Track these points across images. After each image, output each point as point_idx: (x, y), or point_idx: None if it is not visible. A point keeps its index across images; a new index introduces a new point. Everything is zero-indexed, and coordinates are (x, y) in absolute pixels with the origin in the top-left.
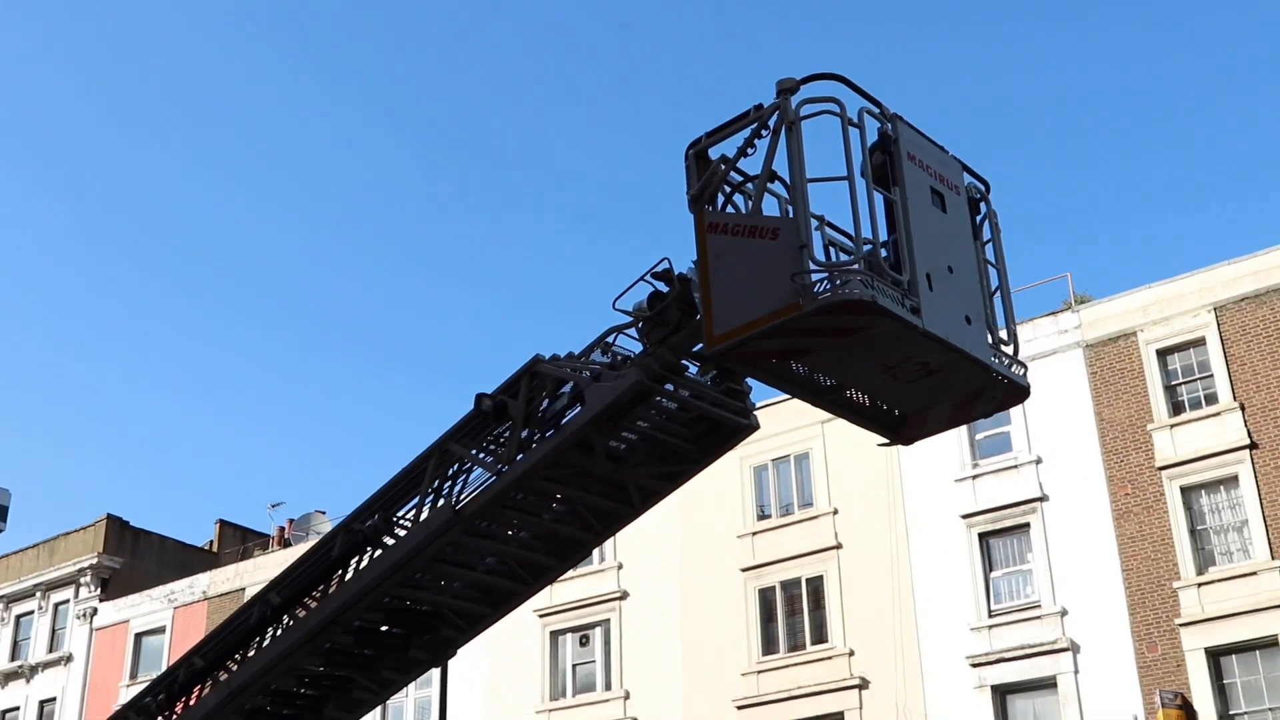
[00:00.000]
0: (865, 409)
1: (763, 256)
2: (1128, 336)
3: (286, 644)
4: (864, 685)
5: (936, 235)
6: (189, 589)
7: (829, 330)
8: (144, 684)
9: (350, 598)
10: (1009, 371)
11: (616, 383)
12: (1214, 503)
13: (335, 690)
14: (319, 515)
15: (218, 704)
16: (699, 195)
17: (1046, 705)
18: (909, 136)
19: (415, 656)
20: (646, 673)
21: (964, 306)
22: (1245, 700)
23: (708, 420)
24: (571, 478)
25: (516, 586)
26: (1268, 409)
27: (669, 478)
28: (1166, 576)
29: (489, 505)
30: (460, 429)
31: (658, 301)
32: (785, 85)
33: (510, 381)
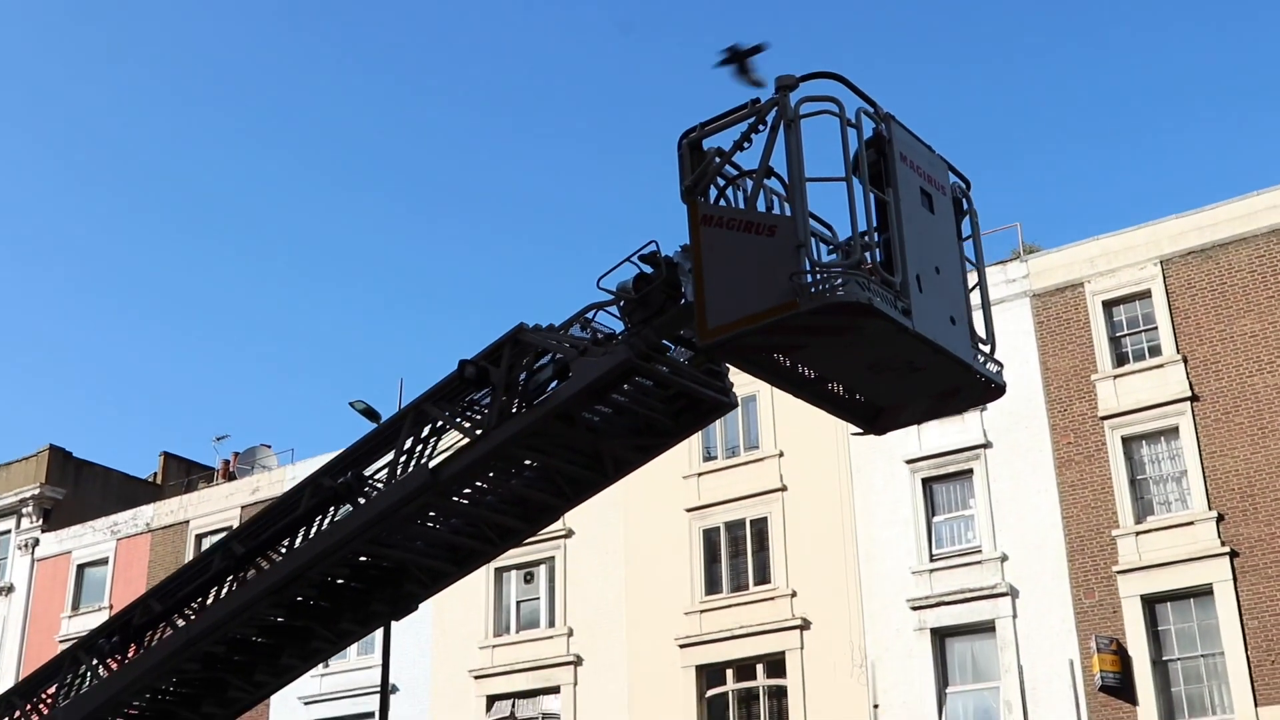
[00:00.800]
0: (844, 400)
1: (759, 252)
2: (1074, 287)
3: (249, 595)
4: (805, 626)
5: (925, 236)
6: (132, 521)
7: (822, 329)
8: (86, 615)
9: (318, 553)
10: (988, 371)
11: (604, 359)
12: (1154, 453)
13: (293, 639)
14: (264, 449)
15: (174, 650)
16: (693, 187)
17: (984, 648)
18: (901, 137)
19: (376, 610)
20: (590, 610)
21: (949, 307)
22: (1179, 647)
23: (686, 397)
24: (549, 446)
25: (482, 546)
26: (1210, 362)
27: (643, 450)
28: (1105, 524)
29: (467, 470)
30: (437, 391)
31: (643, 284)
32: (785, 82)
33: (492, 348)
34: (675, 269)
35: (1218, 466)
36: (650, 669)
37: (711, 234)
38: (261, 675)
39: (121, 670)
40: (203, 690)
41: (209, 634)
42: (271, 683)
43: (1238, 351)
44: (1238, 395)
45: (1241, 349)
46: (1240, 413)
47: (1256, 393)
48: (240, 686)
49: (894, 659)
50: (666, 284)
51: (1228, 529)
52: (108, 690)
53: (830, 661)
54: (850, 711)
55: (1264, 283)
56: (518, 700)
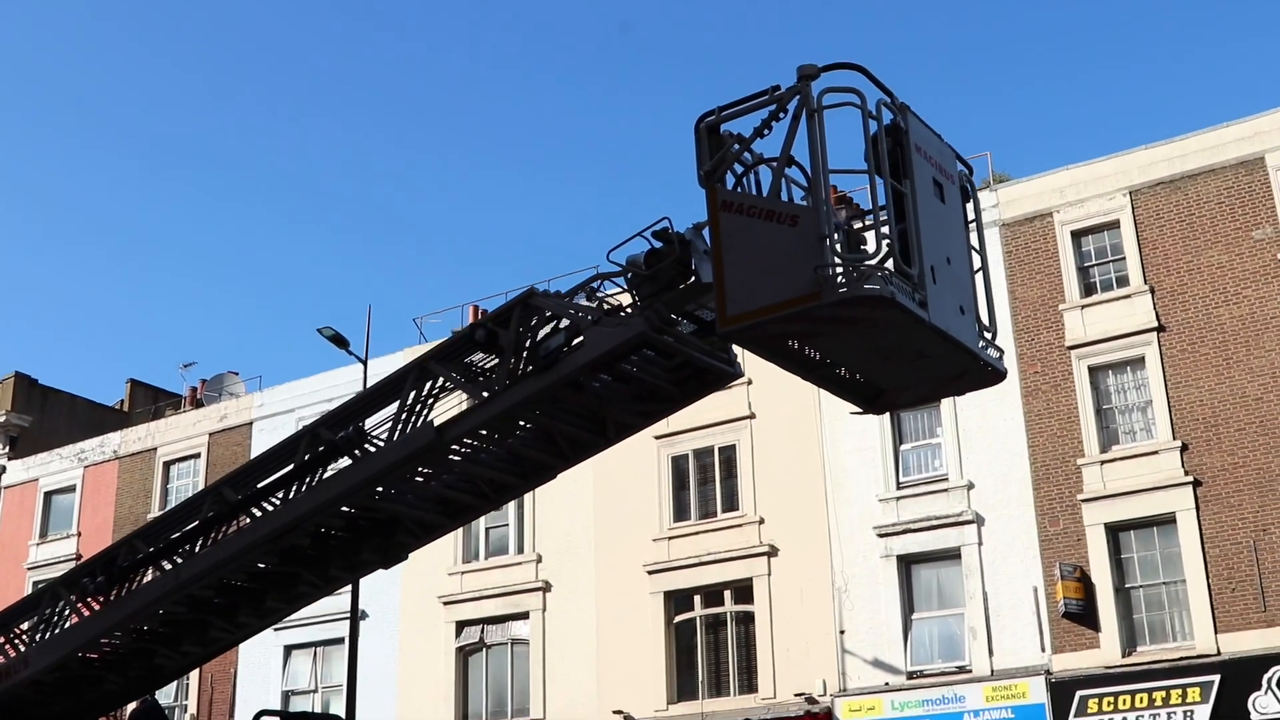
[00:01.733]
0: (847, 382)
1: (780, 242)
2: (1044, 217)
3: (243, 543)
4: (773, 553)
5: (937, 227)
6: (100, 448)
7: (841, 319)
8: (54, 543)
9: (316, 506)
10: (992, 359)
11: (619, 330)
12: (1120, 383)
13: (279, 583)
14: (232, 376)
15: (162, 593)
16: (713, 172)
17: (950, 575)
18: (915, 127)
19: (366, 558)
20: (559, 536)
21: (958, 297)
22: (1141, 574)
23: (692, 366)
24: (554, 409)
25: (477, 501)
26: (1177, 293)
27: (646, 414)
28: (1071, 453)
29: (472, 431)
30: (442, 350)
31: (653, 259)
32: (807, 71)
33: (501, 311)
34: (688, 246)
35: (1182, 397)
36: (618, 595)
37: (731, 220)
38: (244, 617)
39: (105, 610)
40: (183, 630)
41: (198, 579)
42: (254, 624)
43: (1204, 283)
44: (1204, 326)
45: (1208, 280)
46: (1206, 344)
47: (1222, 324)
48: (222, 627)
49: (860, 585)
50: (678, 261)
51: (1191, 459)
52: (89, 630)
53: (797, 588)
54: (816, 637)
55: (1232, 214)
56: (487, 626)
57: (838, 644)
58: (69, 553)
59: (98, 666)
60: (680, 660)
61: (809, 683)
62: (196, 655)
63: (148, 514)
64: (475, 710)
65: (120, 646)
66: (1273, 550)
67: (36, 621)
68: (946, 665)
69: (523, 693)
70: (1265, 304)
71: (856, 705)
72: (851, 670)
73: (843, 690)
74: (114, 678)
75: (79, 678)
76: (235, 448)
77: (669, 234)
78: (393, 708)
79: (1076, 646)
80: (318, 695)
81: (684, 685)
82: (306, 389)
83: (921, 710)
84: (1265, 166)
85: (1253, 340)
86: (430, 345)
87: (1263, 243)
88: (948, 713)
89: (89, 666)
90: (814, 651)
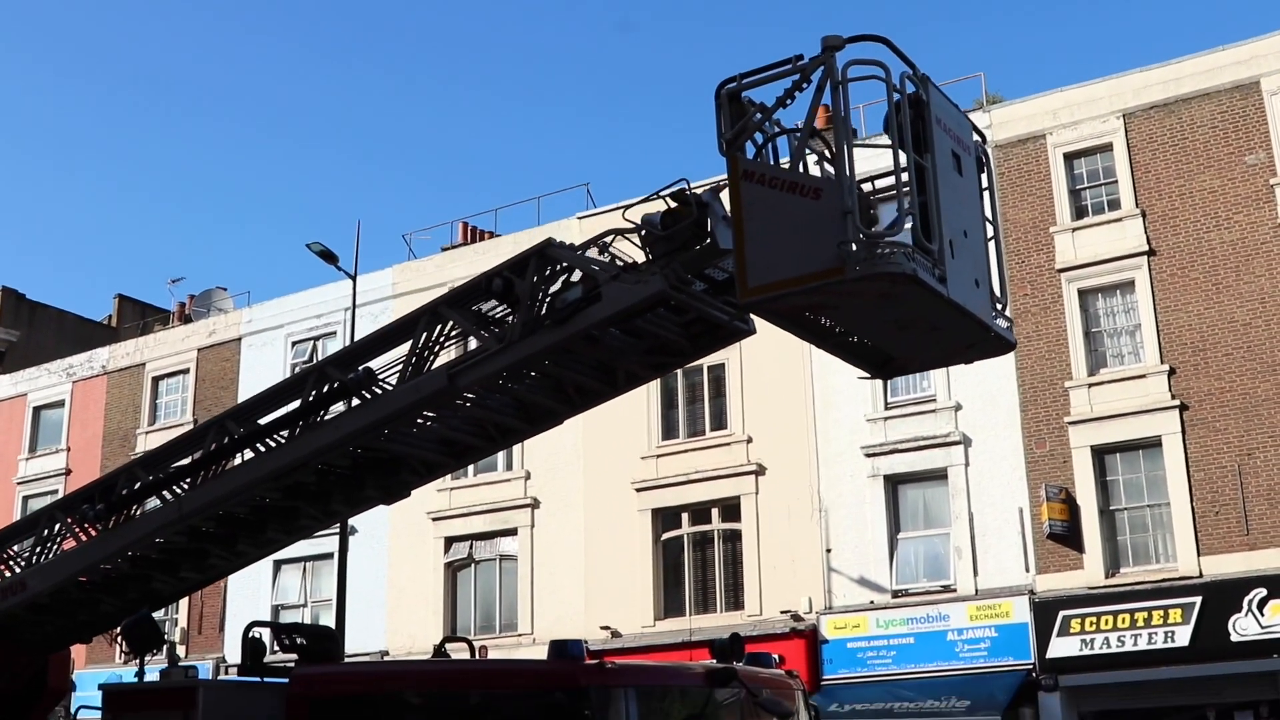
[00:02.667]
0: (859, 349)
1: (802, 214)
2: (1036, 139)
3: (247, 478)
4: (760, 471)
5: (956, 200)
6: (88, 363)
7: (860, 293)
8: (43, 458)
9: (323, 445)
10: (1002, 330)
11: (639, 287)
12: (1109, 306)
13: (280, 515)
14: (220, 292)
15: (164, 524)
16: (734, 140)
17: (936, 495)
18: (935, 99)
19: (368, 494)
20: (548, 454)
21: (974, 269)
22: (1126, 497)
23: (705, 322)
24: (565, 359)
25: (482, 444)
26: (1168, 217)
27: (657, 366)
28: (1059, 376)
29: (485, 379)
30: (456, 296)
31: (671, 220)
32: (831, 43)
33: (517, 260)
34: (705, 209)
35: (1171, 321)
36: (606, 512)
37: (752, 190)
38: (244, 546)
39: (105, 538)
40: (182, 557)
41: (200, 512)
42: (253, 553)
43: (1196, 207)
44: (1194, 251)
45: (1199, 205)
46: (1195, 268)
47: (1212, 248)
48: (221, 555)
49: (847, 505)
50: (694, 223)
51: (1178, 383)
52: (88, 556)
53: (784, 507)
54: (803, 555)
55: (1225, 139)
56: (475, 542)
57: (824, 562)
58: (58, 467)
59: (94, 590)
60: (667, 577)
61: (795, 600)
62: (194, 581)
63: (137, 429)
64: (464, 625)
65: (118, 572)
66: (1256, 474)
67: (34, 544)
68: (931, 584)
69: (511, 608)
70: (1256, 229)
71: (842, 623)
72: (837, 588)
73: (828, 608)
74: (110, 600)
75: (75, 600)
76: (224, 363)
77: (686, 195)
78: (381, 622)
79: (1060, 567)
80: (307, 610)
81: (671, 602)
82: (295, 304)
83: (906, 628)
84: (1260, 91)
85: (1242, 265)
86: (419, 261)
87: (1255, 168)
88: (932, 631)
89: (86, 590)
90: (800, 570)
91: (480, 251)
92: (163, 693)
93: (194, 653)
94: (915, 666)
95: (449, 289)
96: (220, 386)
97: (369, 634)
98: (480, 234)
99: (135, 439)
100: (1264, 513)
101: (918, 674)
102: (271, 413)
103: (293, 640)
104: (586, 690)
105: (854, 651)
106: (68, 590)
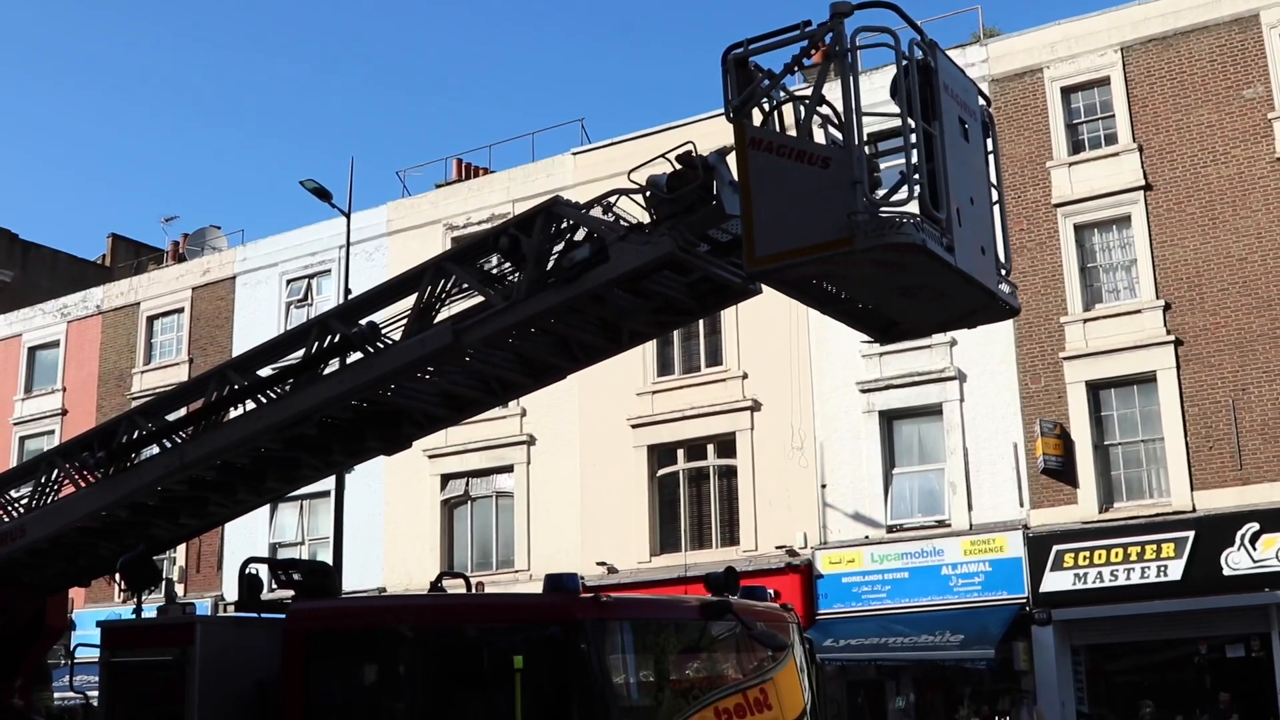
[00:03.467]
0: (863, 314)
1: (811, 183)
2: (1033, 73)
3: (250, 429)
4: (756, 407)
5: (962, 168)
6: (82, 303)
7: (870, 263)
8: (39, 398)
9: (326, 399)
10: (1007, 296)
11: (648, 249)
12: (1105, 241)
13: (281, 465)
14: (214, 230)
15: (166, 473)
16: (741, 107)
17: (931, 430)
18: (942, 64)
19: (369, 445)
20: (543, 391)
21: (980, 237)
22: (1120, 432)
23: (710, 283)
24: (571, 318)
25: (484, 397)
26: (1165, 151)
27: (662, 325)
28: (1054, 311)
29: (491, 337)
30: (461, 253)
31: (677, 182)
32: (841, 10)
33: (524, 217)
34: (712, 172)
35: (1167, 256)
36: (602, 449)
37: (760, 159)
38: (243, 494)
39: (105, 486)
40: (181, 504)
41: (202, 462)
42: (253, 500)
43: (1193, 141)
44: (1190, 185)
45: (1197, 139)
46: (1192, 203)
47: (1209, 183)
48: (220, 502)
49: (842, 440)
50: (700, 186)
51: (1173, 318)
52: (89, 504)
53: (780, 442)
54: (798, 490)
55: (1223, 73)
56: (471, 479)
57: (819, 498)
58: (54, 408)
59: (93, 535)
60: (663, 513)
61: (790, 535)
62: (193, 527)
63: (132, 369)
64: (460, 562)
65: (117, 518)
66: (1250, 409)
67: (33, 490)
68: (926, 519)
69: (507, 545)
70: (1253, 164)
71: (837, 558)
72: (832, 523)
73: (823, 543)
74: (109, 545)
75: (74, 545)
76: (218, 302)
77: (692, 158)
78: (379, 560)
79: (1055, 502)
80: (305, 548)
81: (666, 538)
82: (289, 242)
83: (900, 563)
84: (1259, 24)
85: (1239, 200)
86: (413, 198)
87: (1253, 102)
88: (926, 565)
89: (85, 535)
90: (795, 505)
91: (474, 188)
92: (160, 628)
93: (192, 591)
94: (909, 601)
95: (448, 236)
96: (215, 325)
97: (366, 571)
98: (474, 170)
99: (131, 378)
100: (1257, 447)
101: (912, 608)
102: (272, 364)
103: (289, 576)
104: (581, 623)
105: (849, 586)
106: (67, 536)
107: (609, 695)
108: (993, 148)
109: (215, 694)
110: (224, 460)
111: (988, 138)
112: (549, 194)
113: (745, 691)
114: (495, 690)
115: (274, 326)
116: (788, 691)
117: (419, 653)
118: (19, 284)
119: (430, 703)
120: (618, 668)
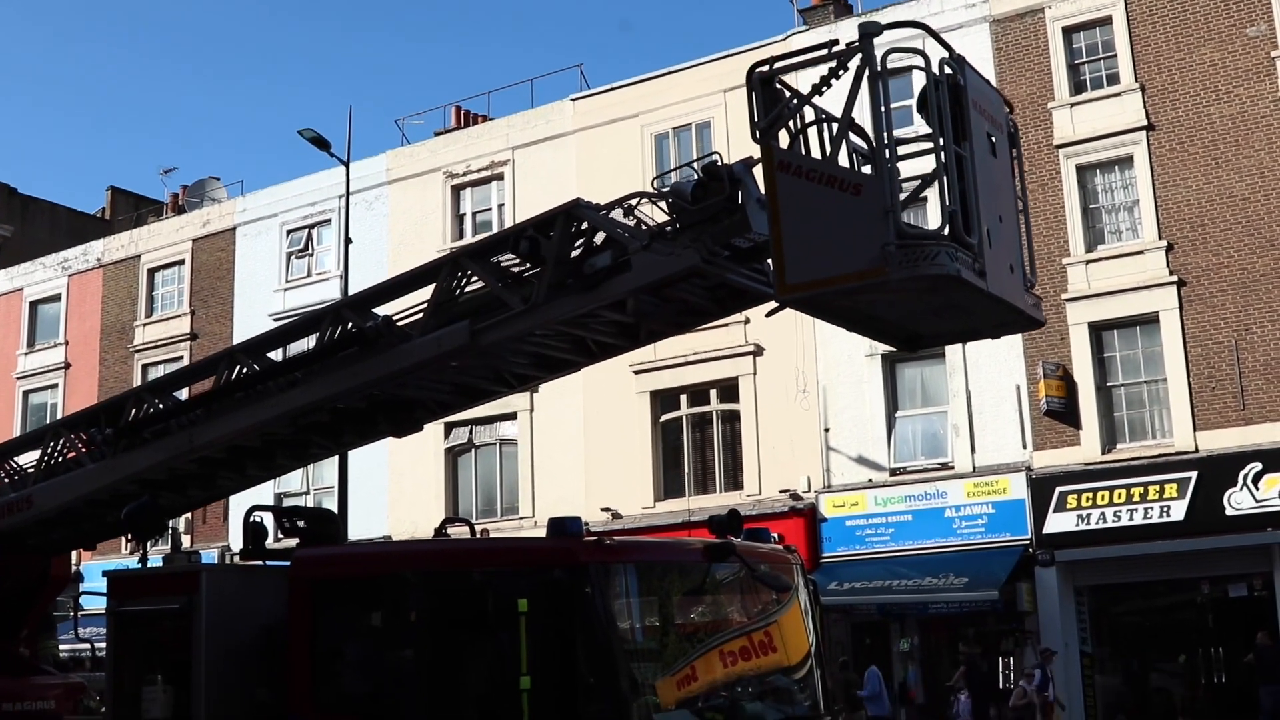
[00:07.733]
0: (888, 329)
1: (842, 210)
2: (1035, 13)
3: (263, 416)
4: (758, 352)
5: (992, 186)
6: (83, 256)
7: (902, 290)
8: (42, 352)
9: (341, 392)
10: (1033, 310)
11: (672, 259)
12: (1107, 182)
13: (291, 445)
14: (213, 181)
15: (177, 453)
16: (769, 129)
17: (934, 374)
18: (971, 80)
19: (380, 428)
20: None
21: (1008, 255)
22: (1123, 373)
23: (729, 287)
24: (589, 321)
25: (497, 388)
26: (1167, 91)
27: (680, 326)
28: (1056, 253)
29: (508, 339)
30: (479, 249)
31: (701, 193)
32: (869, 29)
33: (544, 218)
34: (738, 185)
35: (1169, 196)
36: (605, 395)
37: (789, 182)
38: (252, 470)
39: (114, 463)
40: (189, 480)
41: (212, 445)
42: (261, 476)
43: (1195, 81)
44: (1193, 125)
45: (1199, 78)
46: (1195, 143)
47: (1212, 123)
48: (229, 477)
49: (845, 384)
50: (727, 199)
51: (1176, 258)
52: (96, 480)
53: (783, 386)
54: (801, 434)
55: (1225, 11)
56: (475, 426)
57: (822, 442)
58: (57, 361)
59: (101, 506)
60: (667, 459)
61: (794, 479)
62: (200, 498)
63: (134, 321)
64: (465, 509)
65: (123, 490)
66: (1253, 350)
67: (40, 459)
68: (929, 462)
69: (511, 492)
70: (1256, 103)
71: (840, 501)
72: (836, 467)
73: (827, 486)
74: (114, 514)
75: (80, 514)
76: (219, 253)
77: (718, 169)
78: (383, 508)
79: (1057, 444)
80: (310, 497)
81: (670, 483)
82: (289, 193)
83: (904, 505)
84: None
85: (1242, 140)
86: (412, 147)
87: (1256, 40)
88: (930, 508)
89: (93, 506)
90: (799, 449)
91: (474, 135)
92: (166, 578)
93: (199, 541)
94: (913, 544)
95: (448, 184)
96: (216, 277)
97: (371, 520)
98: (474, 117)
99: (133, 331)
100: (1260, 388)
101: (916, 551)
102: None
103: (294, 524)
104: (586, 566)
105: (852, 530)
106: (75, 507)
107: (613, 638)
108: (1018, 156)
109: (221, 641)
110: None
111: (1014, 148)
112: (548, 140)
113: (750, 634)
114: (499, 634)
115: (275, 277)
116: (792, 633)
117: (423, 597)
118: (19, 238)
119: (435, 646)
120: (622, 611)
